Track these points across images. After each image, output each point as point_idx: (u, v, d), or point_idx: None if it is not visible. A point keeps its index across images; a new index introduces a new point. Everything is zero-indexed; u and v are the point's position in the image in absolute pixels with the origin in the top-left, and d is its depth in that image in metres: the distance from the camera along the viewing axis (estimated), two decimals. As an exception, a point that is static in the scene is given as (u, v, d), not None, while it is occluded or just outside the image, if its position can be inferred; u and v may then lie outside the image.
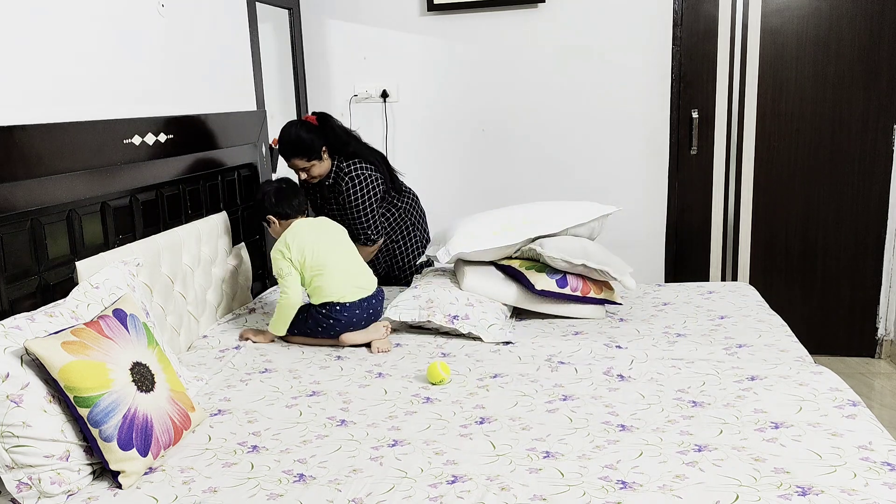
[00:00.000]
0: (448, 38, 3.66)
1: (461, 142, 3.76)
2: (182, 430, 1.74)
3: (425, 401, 1.95)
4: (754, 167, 3.58)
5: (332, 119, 2.94)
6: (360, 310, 2.42)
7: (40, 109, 1.97)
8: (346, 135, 2.93)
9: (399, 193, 3.06)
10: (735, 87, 3.52)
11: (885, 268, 3.54)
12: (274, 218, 2.55)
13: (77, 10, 2.13)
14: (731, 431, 1.68)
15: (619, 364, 2.14)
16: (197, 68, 2.76)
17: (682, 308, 2.67)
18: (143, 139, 2.34)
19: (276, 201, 2.54)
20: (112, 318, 1.72)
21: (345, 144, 2.90)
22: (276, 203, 2.54)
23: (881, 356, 3.63)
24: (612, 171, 3.65)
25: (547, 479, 1.52)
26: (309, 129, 2.83)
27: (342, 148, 2.89)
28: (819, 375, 1.97)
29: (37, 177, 1.89)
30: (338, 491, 1.51)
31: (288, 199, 2.55)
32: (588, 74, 3.58)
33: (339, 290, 2.41)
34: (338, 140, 2.88)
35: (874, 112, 3.42)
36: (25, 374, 1.53)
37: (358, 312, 2.42)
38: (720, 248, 3.70)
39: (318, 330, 2.42)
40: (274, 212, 2.54)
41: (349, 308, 2.40)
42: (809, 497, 1.39)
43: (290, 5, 3.62)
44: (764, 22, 3.44)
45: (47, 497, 1.51)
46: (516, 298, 2.60)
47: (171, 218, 2.53)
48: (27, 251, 1.89)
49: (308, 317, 2.43)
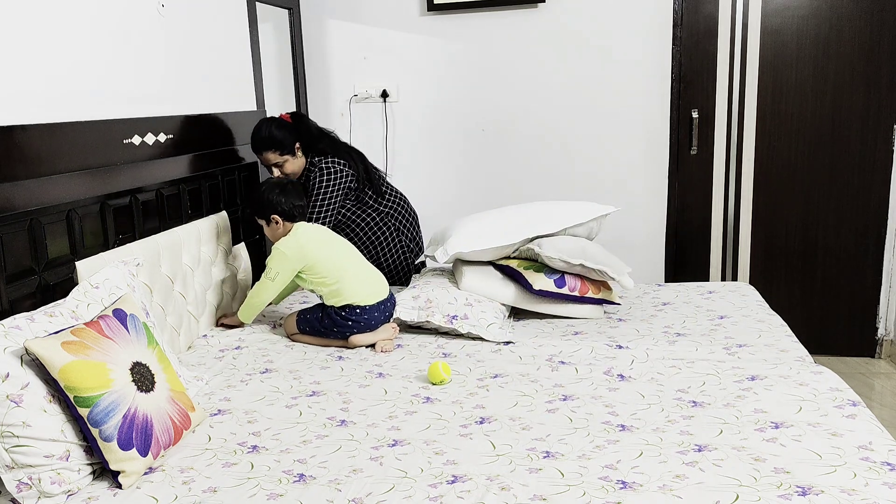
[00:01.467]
0: (448, 38, 3.66)
1: (461, 142, 3.76)
2: (182, 430, 1.74)
3: (425, 401, 1.95)
4: (754, 167, 3.58)
5: (305, 118, 2.97)
6: (378, 312, 2.44)
7: (41, 109, 1.97)
8: (319, 133, 2.95)
9: (378, 195, 2.99)
10: (735, 87, 3.52)
11: (885, 268, 3.54)
12: (279, 217, 2.47)
13: (77, 10, 2.13)
14: (731, 431, 1.68)
15: (619, 364, 2.14)
16: (197, 68, 2.76)
17: (682, 308, 2.67)
18: (143, 139, 2.34)
19: (284, 199, 2.46)
20: (112, 317, 1.72)
21: (317, 141, 2.91)
22: (284, 201, 2.45)
23: (881, 356, 3.63)
24: (612, 171, 3.65)
25: (547, 479, 1.52)
26: (281, 126, 2.84)
27: (315, 144, 2.90)
28: (819, 375, 1.97)
29: (37, 177, 1.89)
30: (338, 491, 1.51)
31: (293, 198, 2.48)
32: (588, 74, 3.58)
33: (358, 293, 2.41)
34: (311, 137, 2.90)
35: (874, 112, 3.42)
36: (25, 374, 1.53)
37: (376, 315, 2.44)
38: (720, 248, 3.70)
39: (334, 330, 2.42)
40: (279, 210, 2.46)
41: (368, 311, 2.42)
42: (809, 497, 1.39)
43: (290, 5, 3.62)
44: (764, 22, 3.44)
45: (47, 497, 1.51)
46: (515, 298, 2.60)
47: (171, 218, 2.53)
48: (27, 251, 1.89)
49: (324, 317, 2.43)
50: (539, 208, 2.77)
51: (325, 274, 2.41)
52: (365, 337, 2.41)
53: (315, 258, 2.41)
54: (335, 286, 2.41)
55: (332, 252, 2.46)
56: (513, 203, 3.69)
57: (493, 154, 3.74)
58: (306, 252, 2.41)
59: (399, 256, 3.06)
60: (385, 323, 2.47)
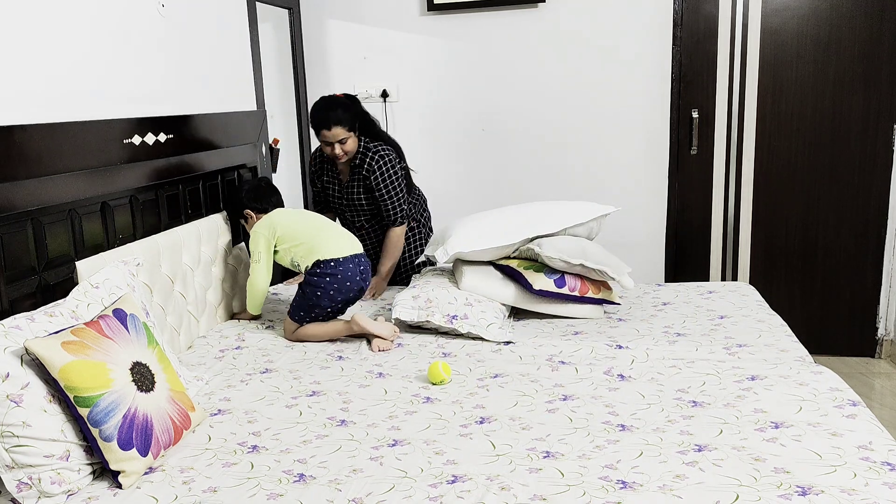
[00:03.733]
0: (448, 38, 3.66)
1: (461, 141, 3.76)
2: (182, 430, 1.74)
3: (425, 401, 1.95)
4: (754, 167, 3.58)
5: (358, 100, 2.95)
6: (353, 265, 2.48)
7: (41, 109, 1.98)
8: (371, 117, 2.96)
9: (410, 186, 3.07)
10: (735, 87, 3.52)
11: (885, 268, 3.54)
12: (251, 212, 2.62)
13: (77, 10, 2.13)
14: (731, 431, 1.68)
15: (619, 364, 2.14)
16: (197, 68, 2.76)
17: (682, 308, 2.67)
18: (143, 139, 2.34)
19: (255, 197, 2.64)
20: (112, 317, 1.72)
21: (372, 125, 2.93)
22: (255, 199, 2.64)
23: (881, 356, 3.63)
24: (611, 171, 3.65)
25: (547, 478, 1.52)
26: (346, 104, 2.84)
27: (370, 128, 2.91)
28: (819, 375, 1.97)
29: (37, 177, 1.89)
30: (338, 491, 1.51)
31: (266, 195, 2.66)
32: (588, 74, 3.58)
33: (330, 248, 2.47)
34: (366, 120, 2.90)
35: (874, 112, 3.42)
36: (25, 374, 1.53)
37: (351, 267, 2.47)
38: (720, 248, 3.70)
39: (318, 295, 2.43)
40: (251, 206, 2.63)
41: (342, 263, 2.45)
42: (809, 497, 1.39)
43: (290, 5, 3.62)
44: (764, 22, 3.44)
45: (47, 497, 1.51)
46: (515, 298, 2.60)
47: (171, 218, 2.53)
48: (27, 251, 1.89)
49: (305, 285, 2.46)
50: (539, 208, 2.77)
51: (296, 237, 2.49)
52: (368, 322, 2.38)
53: (284, 224, 2.52)
54: (307, 245, 2.47)
55: (301, 218, 2.57)
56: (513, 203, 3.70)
57: (493, 154, 3.74)
58: (274, 221, 2.53)
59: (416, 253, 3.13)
60: (365, 283, 2.52)
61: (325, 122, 2.78)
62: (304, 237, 2.49)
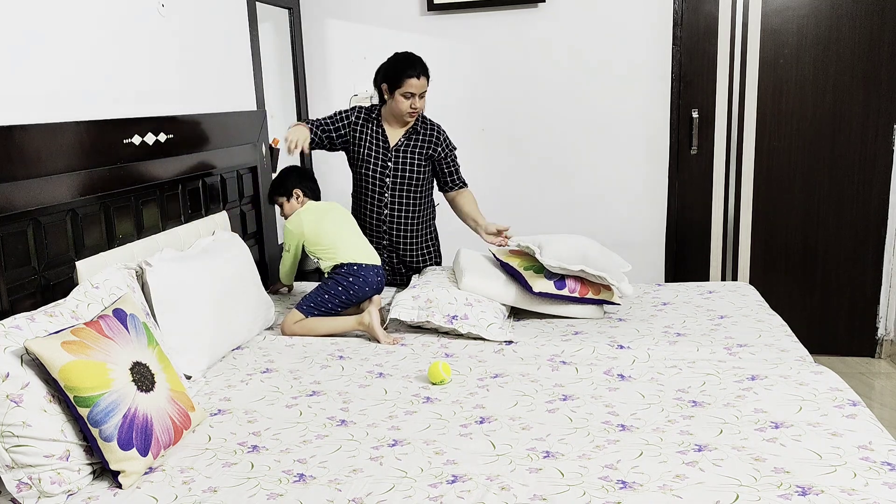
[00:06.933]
0: (448, 38, 3.66)
1: (461, 142, 3.74)
2: (182, 430, 1.74)
3: (425, 401, 1.95)
4: (754, 167, 3.58)
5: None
6: (373, 273, 2.63)
7: (41, 109, 1.98)
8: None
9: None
10: (735, 87, 3.52)
11: (885, 268, 3.54)
12: (299, 191, 2.77)
13: (77, 10, 2.13)
14: (731, 431, 1.68)
15: (619, 364, 2.14)
16: (197, 68, 2.76)
17: (682, 308, 2.67)
18: (143, 139, 2.34)
19: (307, 178, 2.85)
20: (112, 317, 1.73)
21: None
22: (307, 178, 2.85)
23: (881, 356, 3.63)
24: (611, 171, 3.65)
25: (547, 478, 1.52)
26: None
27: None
28: (819, 375, 1.97)
29: (37, 177, 1.89)
30: (338, 491, 1.51)
31: (311, 179, 2.88)
32: (588, 74, 3.58)
33: (352, 255, 2.64)
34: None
35: (874, 112, 3.42)
36: (25, 374, 1.53)
37: (371, 275, 2.62)
38: (720, 247, 3.70)
39: (339, 290, 2.58)
40: (303, 186, 2.79)
41: (364, 269, 2.62)
42: (809, 497, 1.39)
43: (290, 5, 3.62)
44: (764, 22, 3.44)
45: (47, 497, 1.51)
46: (515, 298, 2.60)
47: (171, 218, 2.53)
48: (27, 251, 1.89)
49: (327, 279, 2.63)
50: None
51: (319, 241, 2.67)
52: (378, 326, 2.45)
53: (313, 233, 2.68)
54: (331, 250, 2.64)
55: (329, 226, 2.70)
56: (513, 203, 3.71)
57: (492, 154, 3.74)
58: (302, 220, 2.70)
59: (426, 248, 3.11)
60: (376, 290, 2.66)
61: (416, 67, 2.79)
62: (328, 241, 2.66)
